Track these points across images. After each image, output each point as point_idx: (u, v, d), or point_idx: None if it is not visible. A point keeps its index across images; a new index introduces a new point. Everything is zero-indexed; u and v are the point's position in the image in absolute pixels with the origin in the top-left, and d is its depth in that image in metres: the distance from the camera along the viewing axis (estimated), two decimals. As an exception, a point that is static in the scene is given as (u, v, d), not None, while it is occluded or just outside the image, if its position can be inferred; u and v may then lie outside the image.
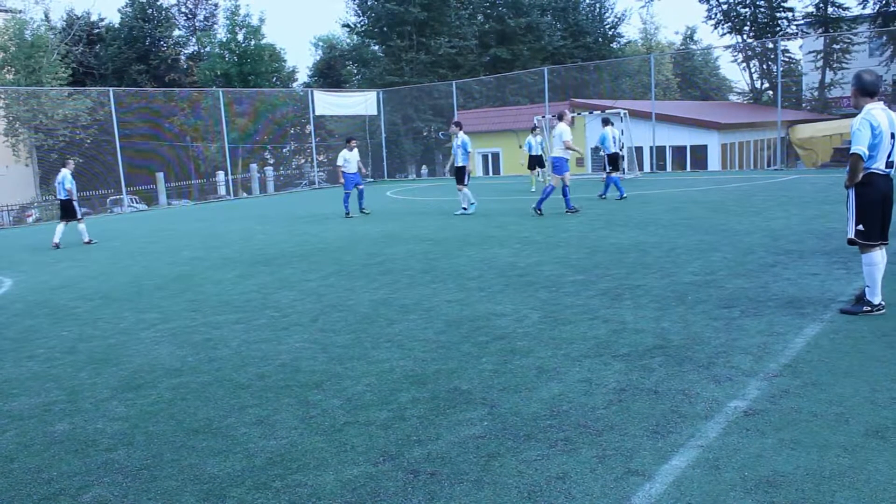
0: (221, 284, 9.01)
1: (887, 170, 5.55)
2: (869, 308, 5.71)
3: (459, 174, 14.94)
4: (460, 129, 14.97)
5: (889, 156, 5.51)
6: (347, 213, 15.99)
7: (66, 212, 14.69)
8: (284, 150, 37.90)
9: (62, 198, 14.73)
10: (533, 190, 19.93)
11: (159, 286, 9.19)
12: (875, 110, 5.50)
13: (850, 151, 5.53)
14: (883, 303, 5.72)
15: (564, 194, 13.74)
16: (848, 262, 7.64)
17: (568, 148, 13.43)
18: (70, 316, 7.79)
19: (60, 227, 14.58)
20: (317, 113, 31.00)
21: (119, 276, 10.19)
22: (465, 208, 15.01)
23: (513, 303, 6.90)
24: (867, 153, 5.46)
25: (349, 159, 16.13)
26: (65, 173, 14.70)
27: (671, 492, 3.19)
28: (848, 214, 5.75)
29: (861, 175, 5.56)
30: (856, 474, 3.23)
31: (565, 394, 4.44)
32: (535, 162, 19.71)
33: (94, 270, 11.00)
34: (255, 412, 4.50)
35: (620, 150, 21.48)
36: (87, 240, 14.49)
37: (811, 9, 38.55)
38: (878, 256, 5.67)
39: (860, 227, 5.66)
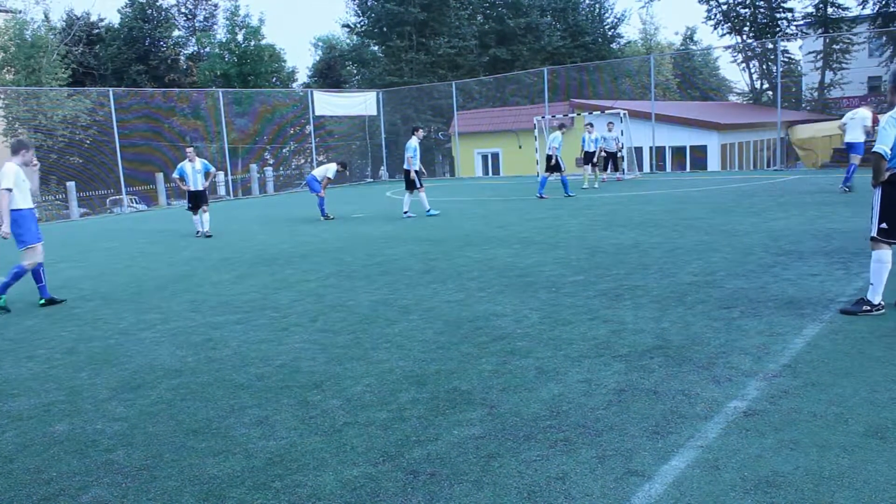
0: (221, 285, 9.01)
1: None
2: (868, 308, 5.70)
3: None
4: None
5: None
6: (326, 217, 16.20)
7: (201, 200, 14.82)
8: (284, 151, 37.88)
9: (199, 188, 14.74)
10: (594, 186, 19.97)
11: (159, 286, 9.19)
12: None
13: (872, 150, 5.53)
14: (883, 303, 5.72)
15: (848, 172, 14.74)
16: (848, 263, 7.64)
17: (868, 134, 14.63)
18: (70, 316, 7.79)
19: (196, 218, 14.84)
20: (316, 113, 30.99)
21: (119, 277, 10.19)
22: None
23: (512, 303, 6.90)
24: (888, 152, 5.44)
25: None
26: (186, 163, 14.87)
27: (671, 492, 3.19)
28: (872, 212, 5.73)
29: (887, 174, 5.53)
30: (855, 474, 3.23)
31: (565, 394, 4.44)
32: (590, 158, 20.04)
33: (93, 271, 10.99)
34: (254, 412, 4.50)
35: (615, 150, 21.56)
36: (205, 229, 14.64)
37: (811, 9, 38.59)
38: (889, 255, 5.65)
39: (883, 225, 5.64)
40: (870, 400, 4.04)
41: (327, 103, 31.55)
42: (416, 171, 15.33)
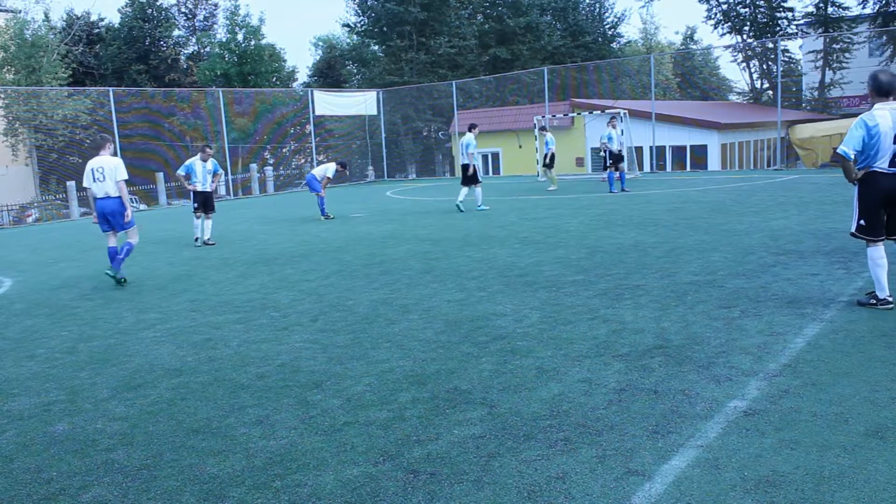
0: (221, 284, 9.01)
1: (892, 168, 5.61)
2: (874, 301, 5.86)
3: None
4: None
5: (895, 155, 5.58)
6: (327, 216, 16.23)
7: (208, 202, 13.20)
8: (284, 150, 37.87)
9: (207, 189, 13.18)
10: (553, 188, 20.07)
11: (159, 286, 9.19)
12: (879, 110, 5.62)
13: (836, 150, 5.80)
14: (890, 297, 5.81)
15: None
16: (848, 263, 7.64)
17: None
18: (70, 316, 7.79)
19: (199, 222, 13.21)
20: (317, 113, 30.99)
21: (119, 276, 10.18)
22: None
23: (512, 303, 6.90)
24: (851, 154, 5.66)
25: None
26: (196, 161, 13.17)
27: (671, 492, 3.19)
28: (853, 209, 5.96)
29: (861, 173, 5.77)
30: (855, 474, 3.23)
31: (565, 394, 4.44)
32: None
33: (93, 270, 10.99)
34: (254, 412, 4.50)
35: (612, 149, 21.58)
36: (205, 236, 13.10)
37: (811, 9, 38.56)
38: (880, 251, 5.82)
39: (861, 222, 5.86)
40: (870, 399, 4.04)
41: (327, 103, 31.55)
42: (474, 166, 15.77)
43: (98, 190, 9.27)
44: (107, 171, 9.18)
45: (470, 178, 15.74)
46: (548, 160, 20.70)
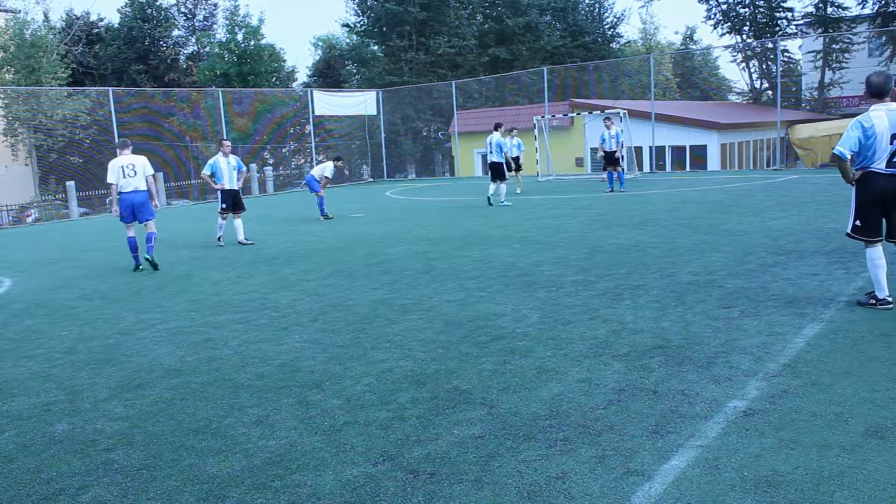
0: (221, 284, 9.01)
1: (889, 169, 5.64)
2: (873, 302, 5.88)
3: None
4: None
5: (893, 156, 5.61)
6: (326, 216, 16.26)
7: (238, 201, 13.01)
8: (284, 150, 37.83)
9: (234, 187, 12.93)
10: (519, 192, 20.05)
11: (159, 286, 9.19)
12: (875, 112, 5.70)
13: (832, 151, 5.83)
14: (889, 298, 5.83)
15: None
16: (847, 263, 7.64)
17: None
18: (69, 316, 7.79)
19: (223, 222, 12.93)
20: (316, 113, 30.98)
21: (118, 276, 10.18)
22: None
23: (512, 303, 6.90)
24: (847, 154, 5.70)
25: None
26: (220, 158, 12.84)
27: (670, 492, 3.19)
28: (850, 210, 5.99)
29: (858, 173, 5.82)
30: (855, 474, 3.23)
31: (565, 394, 4.44)
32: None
33: (93, 270, 11.00)
34: (254, 412, 4.50)
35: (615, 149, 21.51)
36: (240, 237, 12.88)
37: (810, 9, 38.55)
38: (878, 252, 5.85)
39: (857, 222, 5.90)
40: (869, 399, 4.04)
41: (327, 103, 31.54)
42: (504, 164, 16.68)
43: (128, 184, 10.34)
44: (137, 168, 10.41)
45: (500, 175, 16.50)
46: (517, 163, 20.43)
